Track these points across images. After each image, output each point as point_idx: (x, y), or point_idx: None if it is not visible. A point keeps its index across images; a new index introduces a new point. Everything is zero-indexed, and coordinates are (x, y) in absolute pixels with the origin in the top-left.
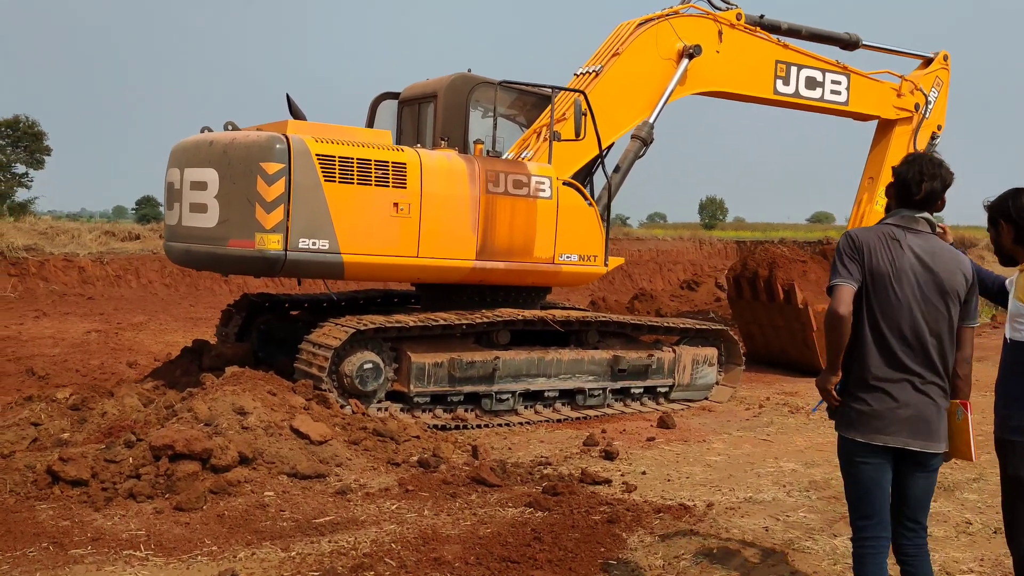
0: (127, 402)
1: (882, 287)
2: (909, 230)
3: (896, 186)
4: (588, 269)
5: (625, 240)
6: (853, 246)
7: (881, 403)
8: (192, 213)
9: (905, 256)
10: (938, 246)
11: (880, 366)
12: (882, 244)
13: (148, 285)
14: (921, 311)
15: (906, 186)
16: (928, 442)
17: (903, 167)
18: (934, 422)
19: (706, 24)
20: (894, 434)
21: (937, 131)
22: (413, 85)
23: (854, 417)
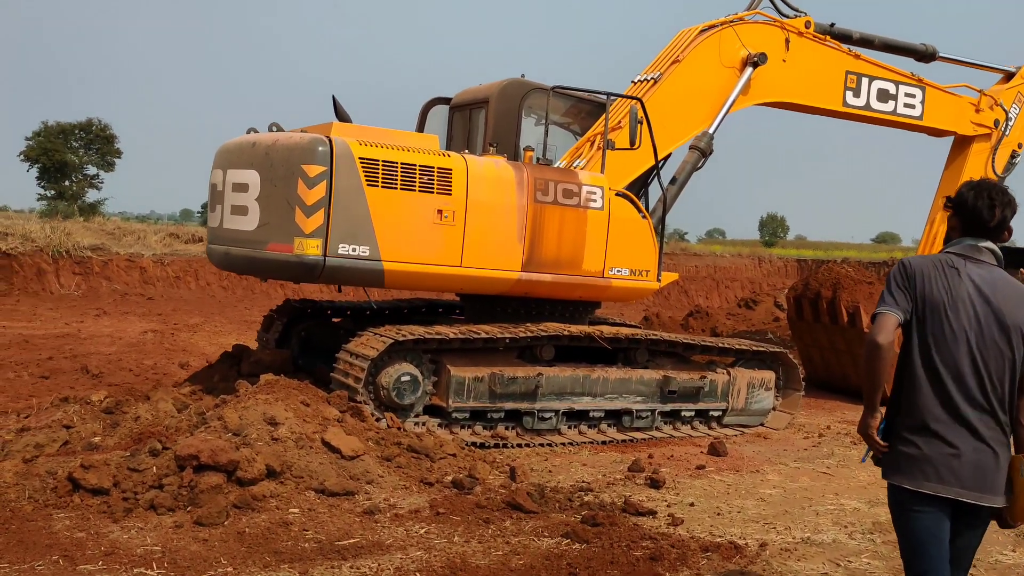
0: (161, 407)
1: (936, 318)
2: (971, 259)
3: (963, 213)
4: (640, 284)
5: (682, 255)
6: (904, 274)
7: (933, 447)
8: (233, 215)
9: (963, 286)
10: (1000, 278)
11: (932, 406)
12: (939, 272)
13: (206, 287)
14: (979, 346)
15: (976, 213)
16: (984, 494)
17: (970, 193)
18: (991, 472)
19: (772, 31)
20: (948, 483)
21: (1018, 149)
22: (465, 90)
23: (902, 462)
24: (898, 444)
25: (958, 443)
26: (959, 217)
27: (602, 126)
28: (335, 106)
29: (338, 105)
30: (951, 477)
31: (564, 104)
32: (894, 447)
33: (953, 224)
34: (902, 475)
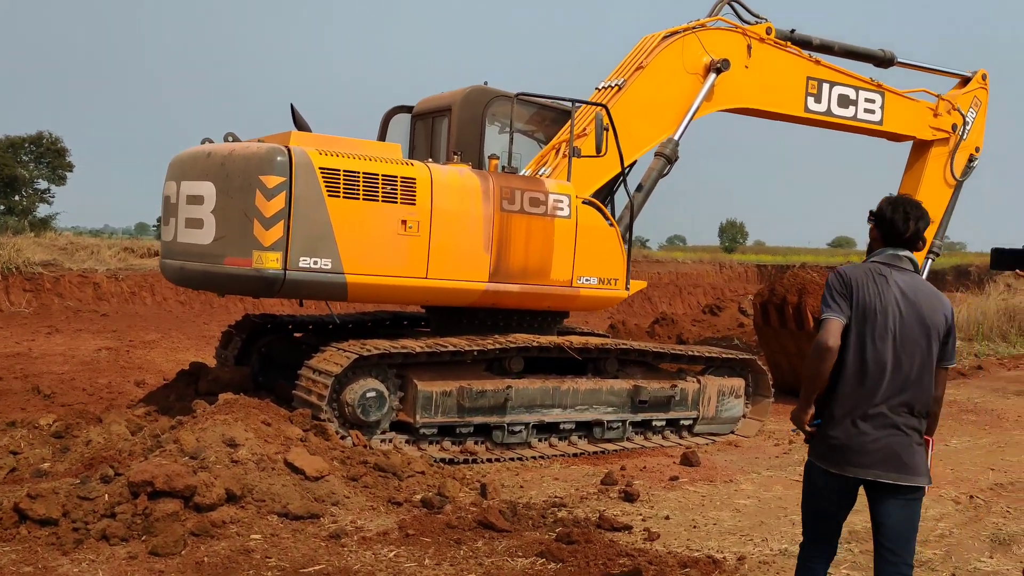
0: (114, 430)
1: (869, 321)
2: (895, 267)
3: (883, 226)
4: (608, 293)
5: (644, 262)
6: (842, 282)
7: (855, 435)
8: (187, 229)
9: (890, 291)
10: (920, 283)
11: (858, 398)
12: (870, 279)
13: (163, 302)
14: (902, 344)
15: (894, 225)
16: (901, 474)
17: (888, 208)
18: (906, 455)
19: (734, 38)
20: (866, 466)
21: (975, 153)
22: (427, 98)
23: (827, 448)
24: (827, 431)
25: (878, 431)
26: (880, 229)
27: (567, 133)
28: (294, 115)
29: (297, 114)
30: (869, 461)
31: (528, 111)
32: (824, 434)
33: (875, 235)
34: (827, 460)
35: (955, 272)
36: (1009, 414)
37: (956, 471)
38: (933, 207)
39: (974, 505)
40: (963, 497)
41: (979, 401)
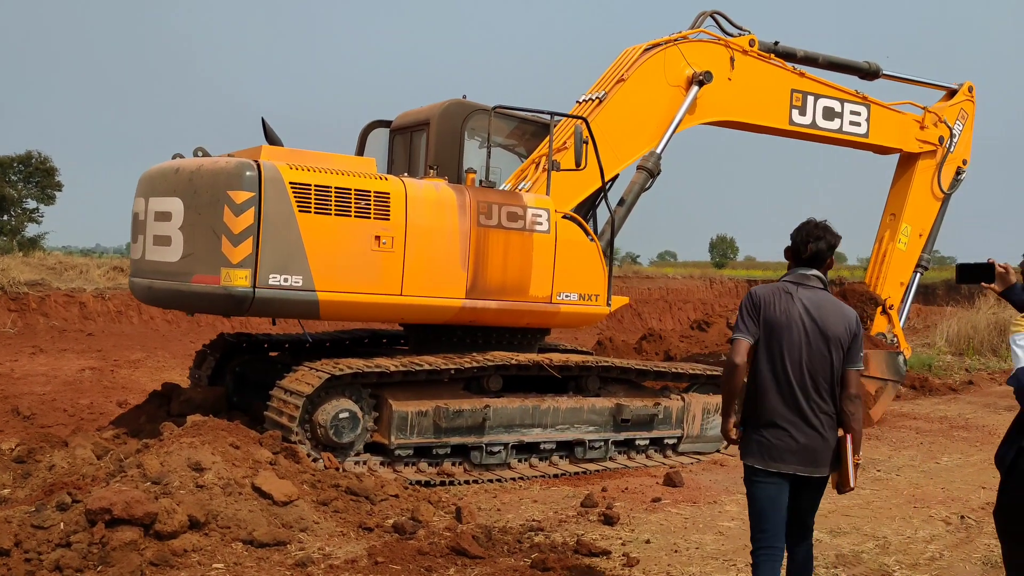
0: (79, 454)
1: (776, 336)
2: (801, 285)
3: (792, 248)
4: (589, 309)
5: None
6: (752, 303)
7: (777, 437)
8: (155, 246)
9: (795, 307)
10: (825, 299)
11: (776, 405)
12: (777, 298)
13: (149, 321)
14: (809, 356)
15: (796, 248)
16: (815, 468)
17: (795, 232)
18: (820, 452)
19: (717, 50)
20: (788, 462)
21: (963, 166)
22: (405, 113)
23: (755, 449)
24: (753, 434)
25: (795, 432)
26: (791, 250)
27: (547, 147)
28: (265, 129)
29: (268, 128)
30: (790, 457)
31: (507, 125)
32: (750, 436)
33: (788, 256)
34: (755, 457)
35: (945, 286)
36: (1000, 430)
37: (947, 490)
38: (921, 220)
39: (965, 526)
40: (954, 517)
41: (970, 417)
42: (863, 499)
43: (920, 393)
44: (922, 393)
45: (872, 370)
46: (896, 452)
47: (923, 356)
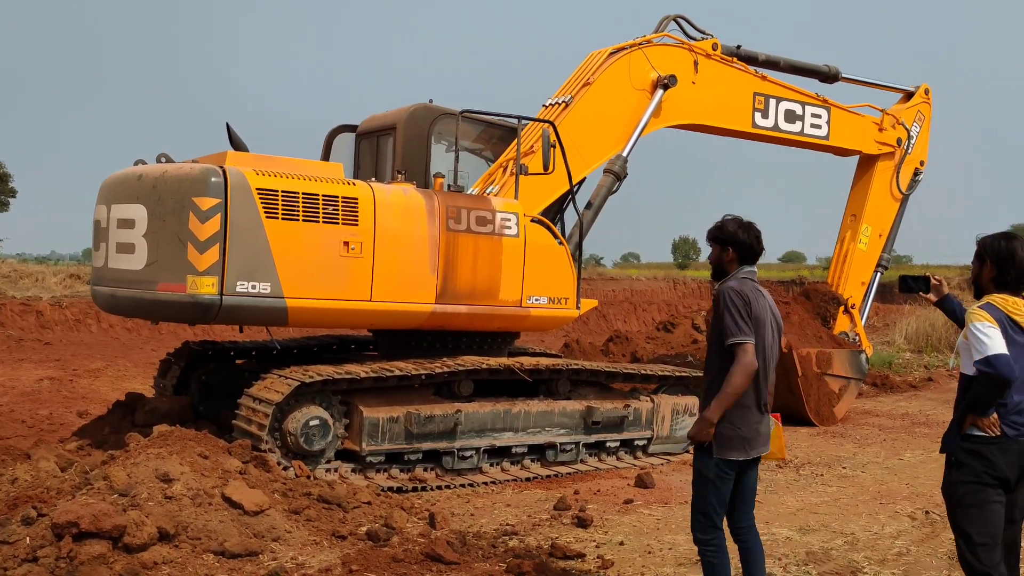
0: (43, 466)
1: (760, 333)
2: (757, 283)
3: (741, 247)
4: (559, 313)
5: (599, 280)
6: (744, 301)
7: (755, 429)
8: (118, 254)
9: (766, 304)
10: (768, 294)
11: (755, 398)
12: (756, 296)
13: (109, 329)
14: (774, 349)
15: (751, 247)
16: (765, 447)
17: (743, 233)
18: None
19: (681, 54)
20: (758, 447)
21: (920, 167)
22: (371, 117)
23: (738, 444)
24: (731, 431)
25: (763, 420)
26: (737, 250)
27: (514, 151)
28: (230, 134)
29: (233, 133)
30: (761, 445)
31: (474, 129)
32: (731, 433)
33: (731, 256)
34: (738, 451)
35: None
36: None
37: (911, 486)
38: (881, 221)
39: (930, 521)
40: (919, 513)
41: (931, 413)
42: (830, 496)
43: (882, 391)
44: (883, 391)
45: (835, 368)
46: (861, 449)
47: (884, 354)
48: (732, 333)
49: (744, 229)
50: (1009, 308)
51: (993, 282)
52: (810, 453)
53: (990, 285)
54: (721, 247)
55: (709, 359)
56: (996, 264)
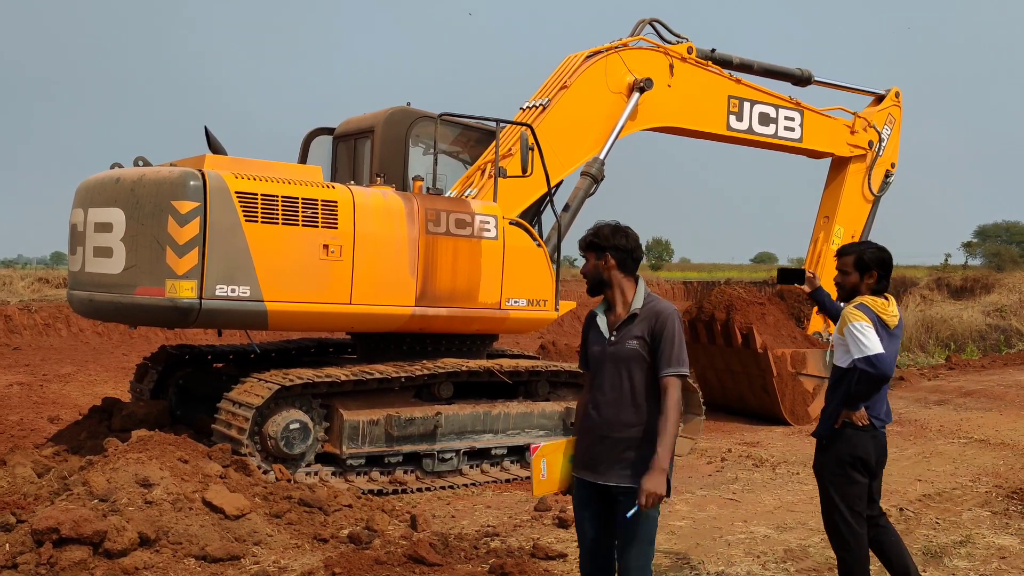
0: (19, 472)
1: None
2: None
3: (621, 255)
4: (538, 315)
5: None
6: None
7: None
8: (96, 258)
9: None
10: None
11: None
12: None
13: (79, 334)
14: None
15: (631, 252)
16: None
17: (622, 238)
18: None
19: (656, 57)
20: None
21: (891, 169)
22: (349, 120)
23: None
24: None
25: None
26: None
27: (492, 154)
28: (208, 137)
29: (211, 136)
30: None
31: (452, 132)
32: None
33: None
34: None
35: None
36: (932, 424)
37: (885, 484)
38: (853, 222)
39: (904, 518)
40: (893, 510)
41: (902, 412)
42: (806, 495)
43: None
44: None
45: (810, 368)
46: None
47: None
48: (681, 362)
49: (623, 234)
50: (879, 309)
51: (870, 288)
52: (786, 452)
53: (866, 291)
54: (598, 255)
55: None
56: (880, 272)
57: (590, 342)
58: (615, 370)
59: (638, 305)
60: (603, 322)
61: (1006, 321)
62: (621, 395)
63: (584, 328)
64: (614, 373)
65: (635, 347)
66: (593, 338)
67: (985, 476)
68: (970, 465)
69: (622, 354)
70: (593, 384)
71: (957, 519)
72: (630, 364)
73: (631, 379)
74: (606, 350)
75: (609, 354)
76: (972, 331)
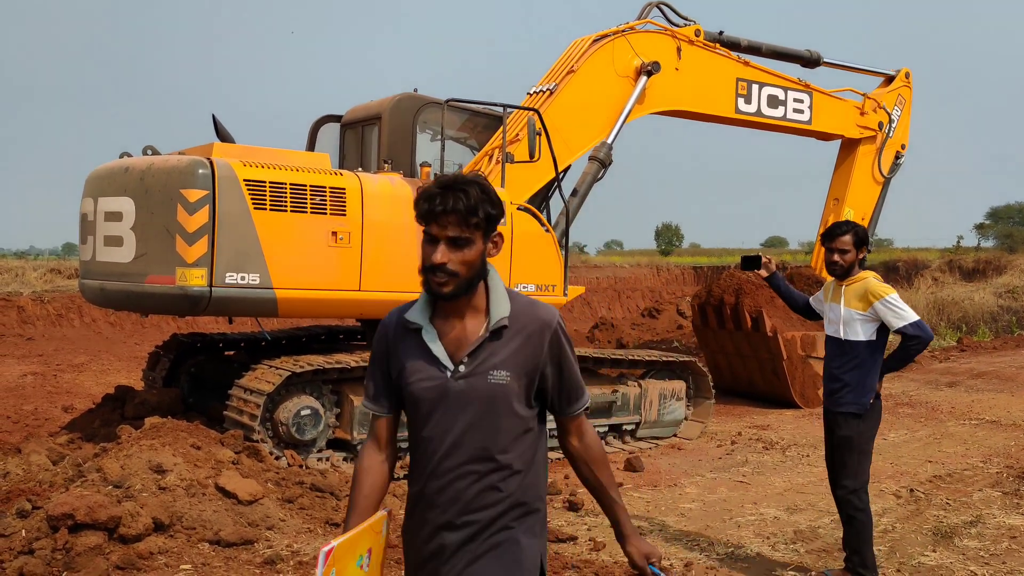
0: (34, 460)
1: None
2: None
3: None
4: (546, 300)
5: (583, 267)
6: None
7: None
8: (106, 247)
9: None
10: None
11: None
12: None
13: (92, 324)
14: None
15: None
16: None
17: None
18: None
19: (664, 40)
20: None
21: (901, 150)
22: (356, 107)
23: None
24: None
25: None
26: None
27: (500, 139)
28: (216, 126)
29: (219, 124)
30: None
31: (459, 118)
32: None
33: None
34: None
35: (884, 268)
36: (943, 406)
37: (895, 465)
38: (863, 204)
39: (914, 498)
40: (903, 491)
41: (913, 394)
42: (816, 476)
43: None
44: None
45: (820, 352)
46: None
47: None
48: (584, 390)
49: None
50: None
51: (861, 264)
52: (796, 435)
53: (859, 267)
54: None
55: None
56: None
57: (409, 373)
58: (466, 417)
59: (502, 312)
60: (434, 339)
61: (1018, 303)
62: (480, 455)
63: (382, 344)
64: (464, 421)
65: (505, 380)
66: (414, 367)
67: (996, 457)
68: (981, 446)
69: (481, 392)
70: (419, 439)
71: (968, 500)
72: (495, 407)
73: (496, 429)
74: (449, 386)
75: (455, 393)
76: (984, 313)
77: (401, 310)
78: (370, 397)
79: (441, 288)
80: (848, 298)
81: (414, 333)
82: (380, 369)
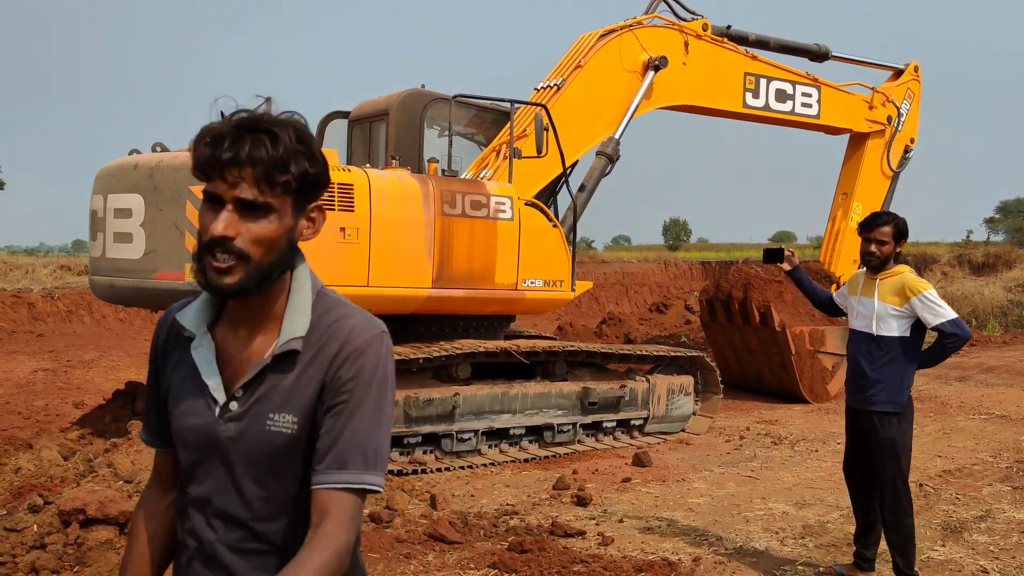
0: (45, 456)
1: None
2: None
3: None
4: (554, 295)
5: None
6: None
7: None
8: (116, 243)
9: None
10: None
11: None
12: None
13: (101, 320)
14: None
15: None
16: None
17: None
18: None
19: (671, 35)
20: None
21: (910, 144)
22: (363, 103)
23: None
24: None
25: None
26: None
27: (507, 135)
28: None
29: None
30: None
31: (467, 114)
32: None
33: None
34: None
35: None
36: (952, 400)
37: None
38: (871, 199)
39: (924, 493)
40: (913, 486)
41: (923, 389)
42: (825, 471)
43: None
44: None
45: (828, 346)
46: None
47: None
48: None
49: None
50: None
51: (897, 258)
52: (804, 429)
53: (895, 260)
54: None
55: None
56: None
57: (173, 401)
58: (235, 477)
59: (296, 329)
60: (208, 356)
61: None
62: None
63: (152, 352)
64: (231, 483)
65: (289, 429)
66: (180, 393)
67: (1006, 452)
68: (991, 441)
69: (256, 443)
70: (188, 489)
71: (977, 494)
72: (273, 466)
73: (273, 500)
74: (215, 430)
75: (224, 440)
76: (994, 307)
77: (182, 305)
78: (145, 425)
79: (221, 277)
80: (883, 292)
81: (187, 343)
82: (152, 388)
